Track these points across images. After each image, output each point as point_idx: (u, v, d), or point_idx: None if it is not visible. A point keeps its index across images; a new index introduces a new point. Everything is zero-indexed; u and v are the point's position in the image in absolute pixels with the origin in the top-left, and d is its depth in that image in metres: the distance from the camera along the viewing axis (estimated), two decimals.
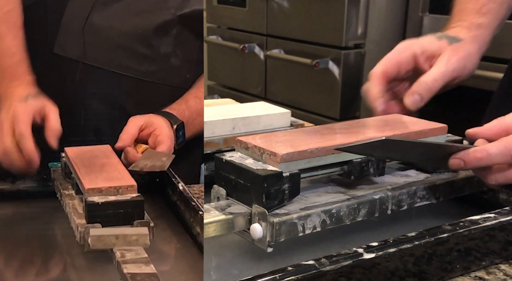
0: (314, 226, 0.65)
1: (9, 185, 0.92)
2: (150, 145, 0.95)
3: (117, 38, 1.05)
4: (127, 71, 1.06)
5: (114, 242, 0.72)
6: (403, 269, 0.61)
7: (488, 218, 0.67)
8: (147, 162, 0.89)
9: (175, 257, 0.81)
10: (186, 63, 1.11)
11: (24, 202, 0.91)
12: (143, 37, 1.06)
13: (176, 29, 1.07)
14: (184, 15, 1.06)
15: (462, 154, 0.70)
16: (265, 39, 2.64)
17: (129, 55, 1.06)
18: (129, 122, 0.96)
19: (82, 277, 0.74)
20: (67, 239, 0.80)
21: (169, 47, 1.08)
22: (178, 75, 1.10)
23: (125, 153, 0.93)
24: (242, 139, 0.70)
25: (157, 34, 1.06)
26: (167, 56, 1.08)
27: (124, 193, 0.77)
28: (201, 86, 1.10)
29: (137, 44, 1.06)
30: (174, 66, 1.10)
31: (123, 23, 1.04)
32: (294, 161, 0.66)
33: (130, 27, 1.05)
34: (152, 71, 1.08)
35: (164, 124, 0.98)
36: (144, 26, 1.05)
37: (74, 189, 0.84)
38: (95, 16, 1.04)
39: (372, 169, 0.72)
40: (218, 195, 0.69)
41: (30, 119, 0.88)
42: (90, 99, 1.07)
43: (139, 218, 0.76)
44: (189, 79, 1.11)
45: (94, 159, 0.85)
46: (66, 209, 0.82)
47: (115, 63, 1.05)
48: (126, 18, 1.04)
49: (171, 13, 1.05)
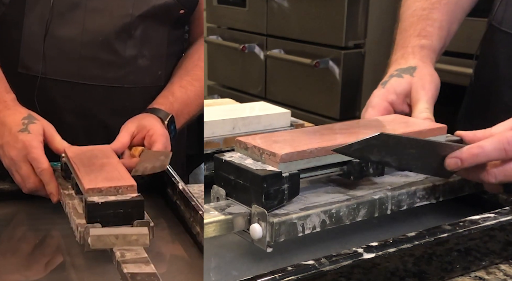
0: (313, 226, 0.65)
1: (9, 185, 0.92)
2: (146, 146, 0.95)
3: (79, 48, 1.03)
4: (94, 80, 1.04)
5: (114, 242, 0.72)
6: (403, 269, 0.61)
7: (488, 218, 0.67)
8: (146, 164, 0.89)
9: (175, 257, 0.81)
10: (156, 61, 1.10)
11: (24, 202, 0.91)
12: (106, 44, 1.04)
13: (139, 29, 1.05)
14: (144, 13, 1.04)
15: (457, 153, 0.70)
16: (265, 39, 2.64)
17: (94, 64, 1.04)
18: (121, 130, 0.95)
19: (82, 277, 0.74)
20: (67, 239, 0.80)
21: (134, 49, 1.06)
22: (149, 74, 1.09)
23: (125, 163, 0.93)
24: (241, 140, 0.70)
25: (119, 39, 1.04)
26: (133, 59, 1.06)
27: (124, 193, 0.77)
28: (185, 74, 1.08)
29: (101, 52, 1.04)
30: (143, 66, 1.08)
31: (83, 33, 1.02)
32: (294, 161, 0.66)
33: (90, 36, 1.03)
34: (120, 76, 1.06)
35: (155, 123, 0.98)
36: (104, 33, 1.03)
37: (74, 189, 0.84)
38: (54, 29, 1.02)
39: (372, 170, 0.72)
40: (217, 196, 0.69)
41: (42, 149, 0.87)
42: (63, 114, 1.05)
43: (139, 218, 0.76)
44: (161, 75, 1.10)
45: (94, 159, 0.85)
46: (66, 209, 0.82)
47: (81, 74, 1.03)
48: (84, 27, 1.02)
49: (129, 14, 1.03)
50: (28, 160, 0.87)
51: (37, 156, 0.86)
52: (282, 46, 2.55)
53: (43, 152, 0.87)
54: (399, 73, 0.92)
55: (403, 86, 0.89)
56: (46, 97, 1.04)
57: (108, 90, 1.06)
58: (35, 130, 0.88)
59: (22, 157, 0.87)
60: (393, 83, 0.90)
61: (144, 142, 0.96)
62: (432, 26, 0.99)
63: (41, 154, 0.87)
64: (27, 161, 0.87)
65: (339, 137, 0.72)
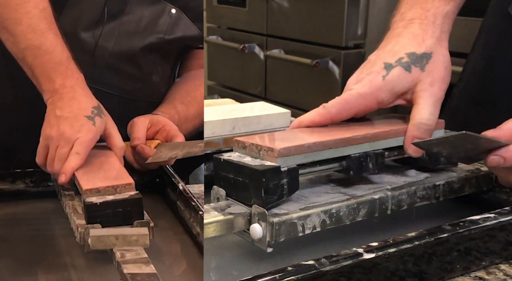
0: (313, 226, 0.65)
1: (9, 185, 0.92)
2: (163, 141, 0.98)
3: (107, 57, 1.04)
4: (113, 89, 1.06)
5: (114, 242, 0.72)
6: (403, 269, 0.61)
7: (488, 218, 0.67)
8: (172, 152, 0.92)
9: (175, 257, 0.81)
10: (164, 78, 1.13)
11: (24, 202, 0.91)
12: (131, 57, 1.06)
13: (162, 50, 1.09)
14: (174, 40, 1.08)
15: (503, 151, 0.68)
16: (265, 39, 2.64)
17: (117, 74, 1.06)
18: (135, 123, 0.98)
19: (82, 277, 0.74)
20: (67, 239, 0.81)
21: (152, 65, 1.10)
22: (157, 90, 1.12)
23: (141, 150, 0.94)
24: (239, 139, 0.70)
25: (144, 54, 1.07)
26: (150, 74, 1.10)
27: (122, 192, 0.77)
28: (186, 95, 1.11)
29: (125, 64, 1.06)
30: (155, 82, 1.11)
31: (113, 43, 1.04)
32: (292, 156, 0.66)
33: (119, 47, 1.05)
34: (136, 89, 1.09)
35: (167, 120, 1.00)
36: (133, 47, 1.06)
37: (74, 189, 0.84)
38: (86, 34, 1.03)
39: (371, 164, 0.72)
40: (217, 196, 0.69)
41: (93, 142, 0.86)
42: None
43: (138, 216, 0.76)
44: (163, 93, 1.14)
45: (92, 158, 0.85)
46: (66, 210, 0.82)
47: (102, 82, 1.05)
48: (117, 38, 1.04)
49: (160, 37, 1.07)
50: (72, 144, 0.85)
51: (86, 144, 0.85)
52: (282, 46, 2.55)
53: (90, 148, 0.86)
54: (409, 64, 0.74)
55: (406, 85, 0.74)
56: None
57: (121, 100, 1.07)
58: (98, 124, 0.87)
59: (69, 139, 0.85)
60: (395, 78, 0.74)
61: (159, 137, 0.98)
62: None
63: (88, 150, 0.85)
64: (71, 144, 0.85)
65: (337, 133, 0.72)
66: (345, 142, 0.70)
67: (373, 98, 0.74)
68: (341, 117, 0.75)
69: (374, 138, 0.72)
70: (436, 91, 0.75)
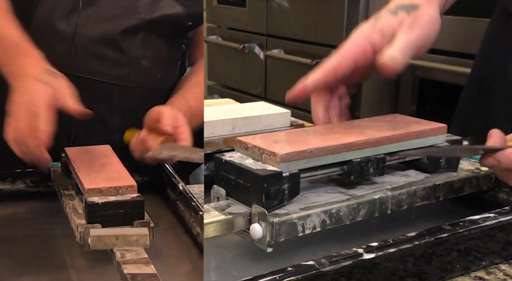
0: (314, 226, 0.65)
1: (9, 185, 0.92)
2: (173, 138, 0.95)
3: (88, 44, 1.04)
4: (99, 77, 1.06)
5: (114, 242, 0.72)
6: (403, 269, 0.61)
7: (488, 218, 0.67)
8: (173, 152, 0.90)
9: (175, 257, 0.81)
10: (157, 63, 1.12)
11: (24, 202, 0.91)
12: (113, 42, 1.05)
13: (143, 32, 1.08)
14: (154, 19, 1.07)
15: (498, 154, 0.69)
16: (265, 39, 2.64)
17: (100, 61, 1.06)
18: (162, 113, 0.94)
19: (82, 277, 0.74)
20: (67, 239, 0.81)
21: (138, 49, 1.08)
22: (149, 76, 1.11)
23: (145, 141, 0.92)
24: (241, 139, 0.70)
25: (125, 38, 1.06)
26: (137, 59, 1.09)
27: (124, 193, 0.77)
28: (197, 84, 1.09)
29: (107, 49, 1.06)
30: (145, 67, 1.10)
31: (92, 29, 1.04)
32: (294, 161, 0.66)
33: (99, 33, 1.04)
34: (123, 75, 1.08)
35: (186, 122, 0.97)
36: (113, 31, 1.05)
37: (74, 189, 0.84)
38: (64, 23, 1.03)
39: (372, 169, 0.72)
40: (217, 195, 0.69)
41: (48, 99, 0.83)
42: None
43: (139, 218, 0.76)
44: (161, 79, 1.12)
45: (94, 159, 0.85)
46: (66, 209, 0.82)
47: (87, 69, 1.05)
48: (95, 24, 1.04)
49: (141, 18, 1.06)
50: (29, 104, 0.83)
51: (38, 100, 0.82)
52: (282, 46, 2.55)
53: (47, 100, 0.83)
54: (395, 10, 0.81)
55: (392, 26, 0.79)
56: None
57: (111, 87, 1.07)
58: (49, 81, 0.85)
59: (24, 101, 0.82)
60: (383, 22, 0.80)
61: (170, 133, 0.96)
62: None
63: (42, 100, 0.82)
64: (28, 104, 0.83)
65: (339, 137, 0.72)
66: (347, 148, 0.70)
67: (366, 41, 0.79)
68: (343, 68, 0.79)
69: (376, 143, 0.72)
70: (414, 31, 0.78)
